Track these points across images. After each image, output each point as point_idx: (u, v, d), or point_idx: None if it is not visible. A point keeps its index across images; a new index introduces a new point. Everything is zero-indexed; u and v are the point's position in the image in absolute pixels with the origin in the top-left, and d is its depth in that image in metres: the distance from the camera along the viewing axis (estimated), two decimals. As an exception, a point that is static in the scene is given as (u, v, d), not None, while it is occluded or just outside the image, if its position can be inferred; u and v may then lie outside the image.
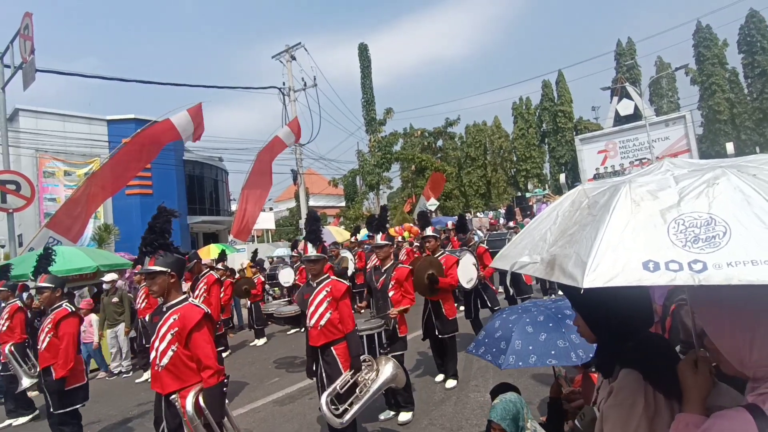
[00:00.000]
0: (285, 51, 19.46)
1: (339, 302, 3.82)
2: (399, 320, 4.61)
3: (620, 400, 1.27)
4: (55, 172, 19.35)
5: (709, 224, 0.88)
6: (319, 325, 3.80)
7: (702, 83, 29.62)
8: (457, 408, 4.66)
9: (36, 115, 19.39)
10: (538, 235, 1.26)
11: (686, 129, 26.72)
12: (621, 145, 28.95)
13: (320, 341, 3.81)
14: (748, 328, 0.99)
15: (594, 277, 0.89)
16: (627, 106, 28.97)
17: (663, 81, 33.09)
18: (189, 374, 2.76)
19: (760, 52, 27.70)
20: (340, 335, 3.81)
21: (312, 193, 35.19)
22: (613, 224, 0.97)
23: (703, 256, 0.85)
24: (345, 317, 3.80)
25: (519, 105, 34.86)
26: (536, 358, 2.64)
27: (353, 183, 30.17)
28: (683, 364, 1.16)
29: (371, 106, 29.05)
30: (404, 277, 4.69)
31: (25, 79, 10.79)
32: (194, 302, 2.87)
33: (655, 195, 0.99)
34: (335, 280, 3.95)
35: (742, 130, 28.30)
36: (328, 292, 3.86)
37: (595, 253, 0.93)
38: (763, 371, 0.99)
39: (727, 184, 0.94)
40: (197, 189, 25.87)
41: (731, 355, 1.04)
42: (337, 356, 3.78)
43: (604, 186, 1.17)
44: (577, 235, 1.06)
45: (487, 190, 34.85)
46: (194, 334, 2.74)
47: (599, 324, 1.40)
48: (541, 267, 1.14)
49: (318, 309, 3.85)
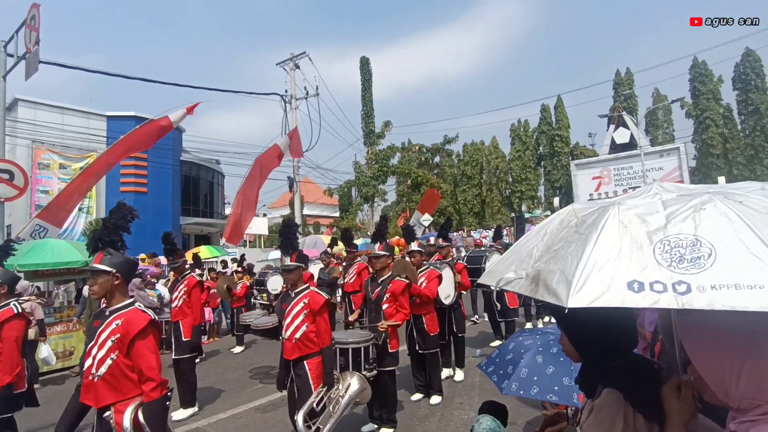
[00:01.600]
0: (289, 59, 19.60)
1: (316, 315, 3.67)
2: (390, 334, 4.47)
3: (600, 419, 1.27)
4: (50, 165, 19.19)
5: (695, 245, 0.89)
6: (294, 338, 3.67)
7: (697, 117, 30.19)
8: (441, 425, 4.62)
9: (35, 106, 19.29)
10: (525, 251, 1.27)
11: (680, 160, 27.03)
12: (615, 172, 29.19)
13: (294, 354, 3.68)
14: (737, 359, 0.97)
15: (578, 298, 0.90)
16: (623, 134, 29.32)
17: (659, 112, 33.67)
18: (128, 386, 2.53)
19: (753, 90, 28.34)
20: (315, 349, 3.68)
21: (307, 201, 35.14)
22: (601, 244, 0.97)
23: (687, 276, 0.85)
24: (322, 331, 3.66)
25: (517, 127, 35.26)
26: (538, 390, 2.59)
27: (348, 194, 30.19)
28: (667, 388, 1.16)
29: (370, 119, 29.21)
30: (400, 290, 4.54)
31: (27, 70, 10.78)
32: (140, 307, 2.63)
33: (643, 218, 1.00)
34: (314, 291, 3.79)
35: (734, 165, 28.78)
36: (306, 304, 3.71)
37: (581, 272, 0.93)
38: (747, 403, 0.97)
39: (713, 209, 0.95)
40: (192, 190, 25.74)
41: (717, 386, 1.02)
42: (308, 371, 3.65)
43: (593, 207, 1.18)
44: (562, 252, 1.07)
45: (482, 209, 35.03)
46: (138, 342, 2.50)
47: (584, 343, 1.41)
48: (525, 283, 1.14)
49: (294, 321, 3.70)
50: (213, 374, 7.33)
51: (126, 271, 2.66)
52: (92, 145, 19.33)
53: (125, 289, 2.67)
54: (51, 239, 8.49)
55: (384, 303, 4.54)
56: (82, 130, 19.26)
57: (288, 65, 19.62)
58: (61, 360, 8.00)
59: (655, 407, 1.24)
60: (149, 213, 21.08)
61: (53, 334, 8.05)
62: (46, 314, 8.20)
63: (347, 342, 4.13)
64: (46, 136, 18.23)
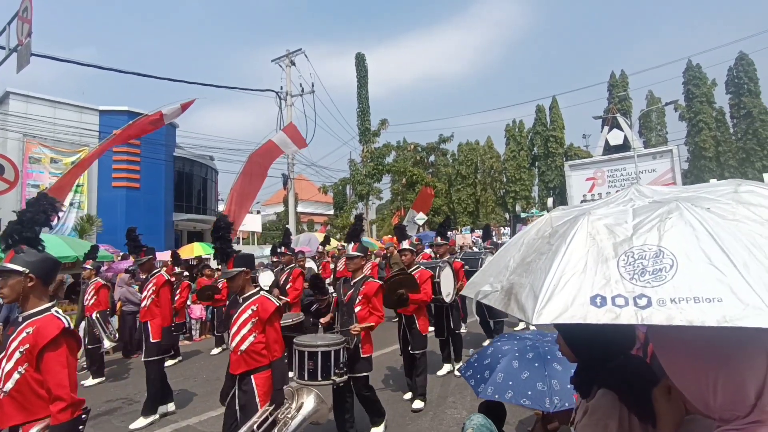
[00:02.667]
0: (285, 56, 19.53)
1: (266, 324, 3.31)
2: (363, 339, 4.24)
3: (594, 420, 1.28)
4: (41, 159, 18.98)
5: (658, 256, 0.88)
6: (239, 350, 3.31)
7: (690, 120, 30.44)
8: (434, 424, 4.63)
9: (27, 99, 19.06)
10: (502, 262, 1.26)
11: (672, 163, 27.28)
12: (609, 173, 29.42)
13: (240, 368, 3.33)
14: (711, 371, 0.94)
15: (543, 314, 0.89)
16: (617, 136, 29.53)
17: (653, 115, 33.89)
18: (38, 405, 2.18)
19: (746, 94, 28.60)
20: (263, 362, 3.31)
21: (301, 199, 35.08)
22: (568, 257, 0.97)
23: (648, 290, 0.84)
24: (272, 342, 3.30)
25: (512, 127, 35.36)
26: (512, 395, 2.63)
27: (343, 192, 30.14)
28: (657, 390, 1.16)
29: (366, 116, 29.17)
30: (373, 292, 4.32)
31: (19, 62, 10.63)
32: (57, 313, 2.28)
33: (611, 230, 0.99)
34: (264, 297, 3.41)
35: (726, 168, 29.05)
36: (254, 311, 3.33)
37: (548, 286, 0.92)
38: (729, 414, 0.95)
39: (678, 218, 0.93)
40: (185, 186, 25.56)
41: (695, 399, 1.00)
42: (255, 386, 3.29)
43: (568, 215, 1.17)
44: (534, 264, 1.07)
45: (476, 209, 35.13)
46: (47, 353, 2.15)
47: (579, 344, 1.41)
48: (500, 296, 1.13)
49: (240, 330, 3.33)
50: (205, 371, 7.29)
51: (42, 271, 2.32)
52: (84, 140, 19.14)
53: (42, 292, 2.33)
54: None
55: (356, 305, 4.33)
56: (75, 124, 19.07)
57: (283, 62, 19.55)
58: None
59: (650, 409, 1.24)
60: (141, 209, 20.96)
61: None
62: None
63: (316, 345, 3.91)
64: (37, 129, 18.03)
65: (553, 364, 2.54)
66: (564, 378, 2.46)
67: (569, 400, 2.41)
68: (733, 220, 0.93)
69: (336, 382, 3.87)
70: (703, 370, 0.96)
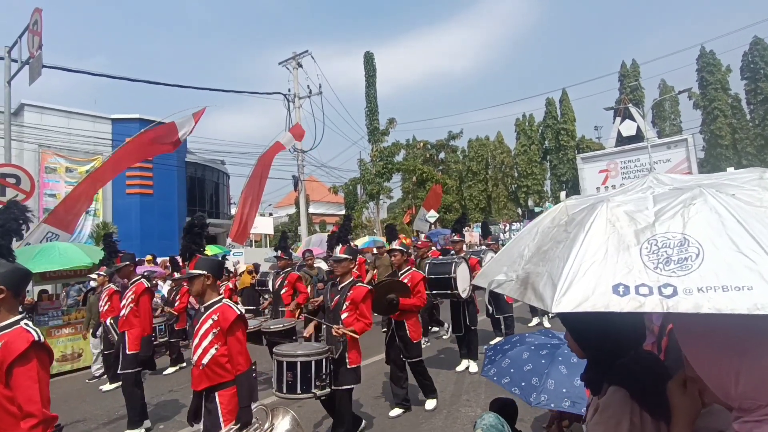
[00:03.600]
0: (292, 58, 19.62)
1: (227, 335, 3.02)
2: (350, 347, 3.90)
3: (605, 418, 1.25)
4: (56, 168, 19.37)
5: (683, 245, 0.86)
6: (201, 364, 3.01)
7: (704, 108, 29.84)
8: (448, 422, 4.60)
9: (41, 110, 19.48)
10: (516, 251, 1.24)
11: (688, 152, 26.80)
12: (622, 165, 29.02)
13: (202, 384, 3.04)
14: (734, 359, 0.94)
15: (563, 302, 0.88)
16: (629, 127, 29.10)
17: (666, 104, 33.32)
18: (9, 422, 2.08)
19: (763, 79, 27.94)
20: (228, 377, 3.03)
21: (312, 200, 35.23)
22: (587, 245, 0.95)
23: (673, 279, 0.82)
24: (235, 354, 3.02)
25: (522, 121, 35.07)
26: (508, 381, 2.66)
27: (354, 191, 30.17)
28: (672, 384, 1.13)
29: (375, 116, 29.15)
30: (361, 297, 4.01)
31: (31, 74, 10.88)
32: (26, 326, 2.18)
33: (631, 216, 0.97)
34: (226, 305, 3.12)
35: (744, 155, 28.43)
36: (215, 321, 3.05)
37: (566, 274, 0.91)
38: (749, 403, 0.94)
39: (703, 204, 0.91)
40: (198, 191, 25.90)
41: (716, 387, 0.99)
42: (219, 404, 2.99)
43: (585, 203, 1.14)
44: (551, 253, 1.04)
45: (488, 205, 34.93)
46: (16, 368, 2.05)
47: (589, 341, 1.39)
48: (515, 285, 1.11)
49: (201, 342, 3.05)
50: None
51: (13, 282, 2.21)
52: (98, 148, 19.49)
53: (12, 304, 2.22)
54: (58, 242, 8.55)
55: (343, 311, 4.02)
56: (88, 133, 19.42)
57: (290, 64, 19.64)
58: (70, 362, 8.08)
59: (662, 405, 1.22)
60: (155, 215, 21.28)
61: (61, 336, 8.13)
62: (53, 317, 8.28)
63: (296, 355, 3.57)
64: (52, 140, 18.41)
65: (560, 366, 2.53)
66: (563, 381, 2.48)
67: (557, 402, 2.42)
68: (760, 207, 0.91)
69: (317, 395, 3.57)
70: (725, 358, 0.95)
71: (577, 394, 2.37)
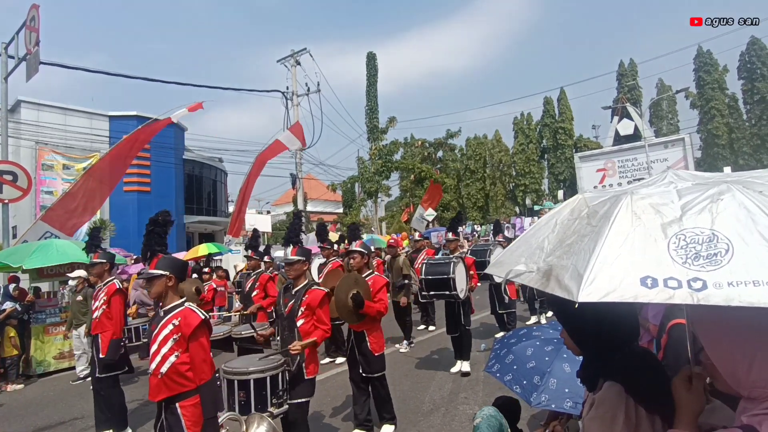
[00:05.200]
0: (290, 56, 19.58)
1: (189, 341, 2.79)
2: (308, 357, 3.58)
3: (601, 413, 1.27)
4: (53, 165, 19.29)
5: (711, 241, 0.86)
6: (159, 372, 2.77)
7: (701, 107, 29.94)
8: (446, 420, 4.61)
9: (38, 107, 19.37)
10: (535, 243, 1.24)
11: (685, 151, 26.88)
12: (620, 164, 29.09)
13: (160, 394, 2.79)
14: (749, 348, 0.96)
15: (589, 292, 0.88)
16: (627, 126, 29.16)
17: (663, 103, 33.41)
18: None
19: (760, 79, 28.04)
20: (189, 386, 2.80)
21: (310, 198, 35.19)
22: (612, 237, 0.95)
23: (703, 274, 0.83)
24: (197, 362, 2.79)
25: (520, 120, 35.12)
26: (510, 378, 2.59)
27: (352, 190, 30.20)
28: (677, 380, 1.15)
29: (374, 114, 29.15)
30: (317, 302, 3.62)
31: (28, 71, 10.81)
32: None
33: (657, 209, 0.97)
34: (189, 309, 2.88)
35: (740, 155, 28.54)
36: (176, 326, 2.80)
37: (592, 266, 0.91)
38: (758, 392, 0.96)
39: (731, 200, 0.91)
40: (195, 189, 25.82)
41: (728, 373, 1.01)
42: (182, 416, 2.78)
43: (605, 196, 1.14)
44: (575, 246, 1.04)
45: (485, 203, 34.99)
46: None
47: (585, 337, 1.41)
48: (537, 277, 1.12)
49: (160, 349, 2.80)
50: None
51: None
52: (95, 146, 19.42)
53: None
54: (56, 240, 8.53)
55: (298, 318, 3.64)
56: (85, 130, 19.35)
57: (289, 62, 19.60)
58: (67, 359, 8.06)
59: (657, 400, 1.24)
60: (153, 212, 20.99)
61: (59, 333, 8.10)
62: (51, 314, 8.25)
63: (248, 372, 3.20)
64: (49, 137, 18.32)
65: (564, 364, 2.48)
66: (566, 380, 2.42)
67: (558, 402, 2.38)
68: None
69: (273, 414, 3.29)
70: (741, 345, 0.97)
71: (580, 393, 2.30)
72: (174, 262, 3.04)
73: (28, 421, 5.65)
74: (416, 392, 5.44)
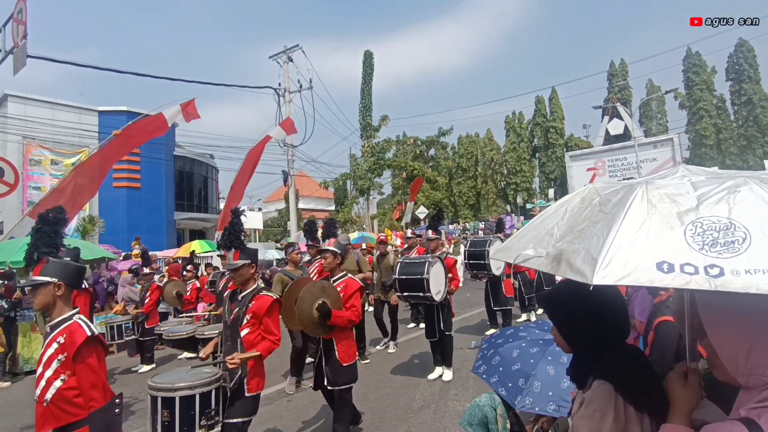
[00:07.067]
0: (282, 52, 19.44)
1: (75, 363, 2.34)
2: (251, 371, 3.12)
3: (591, 411, 1.28)
4: (41, 161, 19.01)
5: (729, 229, 0.87)
6: (44, 400, 2.34)
7: (690, 108, 30.33)
8: (436, 416, 4.65)
9: (25, 101, 19.05)
10: (544, 229, 1.25)
11: (673, 151, 27.23)
12: (610, 163, 29.39)
13: (46, 425, 2.35)
14: (749, 333, 0.98)
15: (604, 275, 0.87)
16: (617, 125, 29.45)
17: (653, 103, 33.76)
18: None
19: (747, 81, 28.46)
20: (81, 415, 2.34)
21: (302, 195, 35.09)
22: (628, 223, 0.95)
23: (720, 260, 0.83)
24: (85, 387, 2.34)
25: (512, 119, 35.30)
26: (496, 380, 2.55)
27: (344, 187, 30.13)
28: (673, 375, 1.16)
29: (368, 112, 29.08)
30: (264, 310, 3.18)
31: (15, 64, 10.61)
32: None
33: (672, 198, 0.98)
34: (76, 323, 2.41)
35: (727, 155, 28.98)
36: (60, 344, 2.36)
37: (607, 250, 0.91)
38: (755, 380, 0.98)
39: (749, 192, 0.93)
40: (186, 185, 25.59)
41: (727, 359, 1.02)
42: None
43: (616, 186, 1.15)
44: (587, 232, 1.04)
45: (477, 201, 35.16)
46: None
47: (575, 335, 1.43)
48: (546, 261, 1.12)
49: (45, 372, 2.36)
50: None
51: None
52: (84, 141, 19.14)
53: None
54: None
55: (243, 327, 3.17)
56: (74, 125, 19.06)
57: (281, 58, 19.46)
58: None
59: (646, 398, 1.25)
60: (143, 208, 21.02)
61: (47, 331, 8.01)
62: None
63: (173, 388, 2.80)
64: (37, 131, 18.03)
65: (548, 366, 2.46)
66: (549, 383, 2.40)
67: (542, 406, 2.36)
68: None
69: None
70: (743, 331, 0.98)
71: (563, 397, 2.31)
72: (64, 267, 2.55)
73: (15, 418, 5.59)
74: (407, 389, 5.47)
